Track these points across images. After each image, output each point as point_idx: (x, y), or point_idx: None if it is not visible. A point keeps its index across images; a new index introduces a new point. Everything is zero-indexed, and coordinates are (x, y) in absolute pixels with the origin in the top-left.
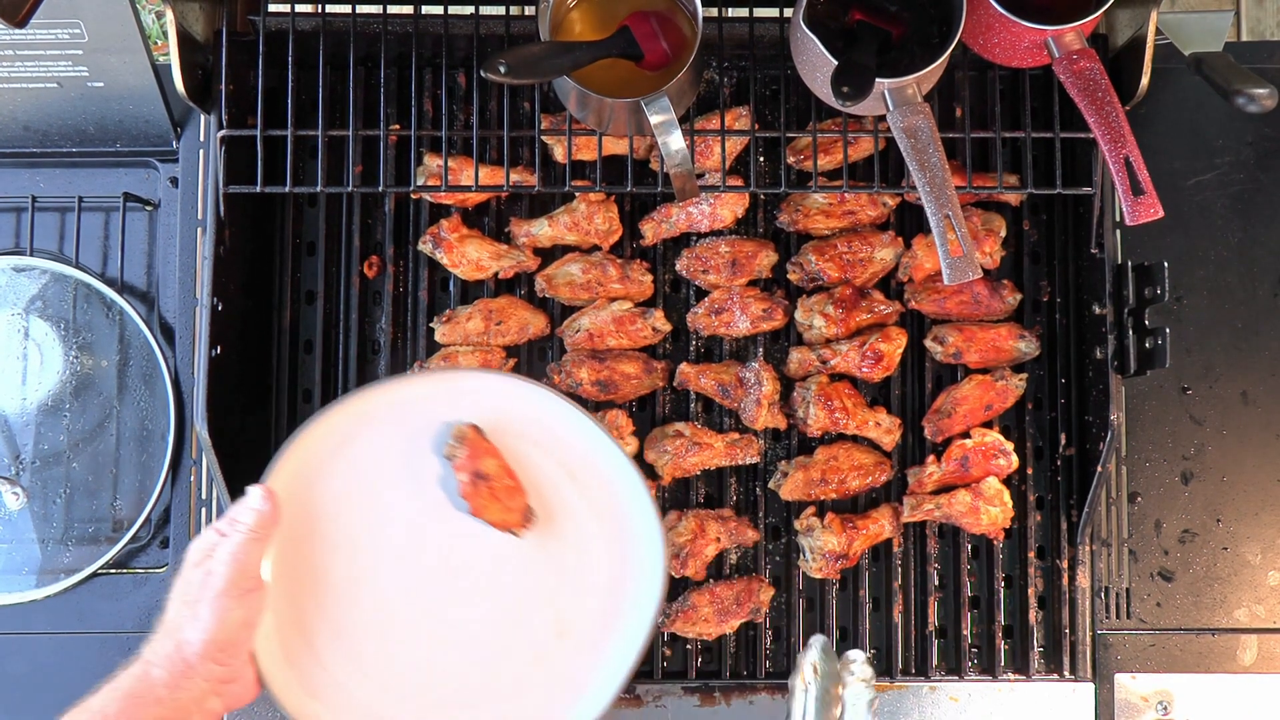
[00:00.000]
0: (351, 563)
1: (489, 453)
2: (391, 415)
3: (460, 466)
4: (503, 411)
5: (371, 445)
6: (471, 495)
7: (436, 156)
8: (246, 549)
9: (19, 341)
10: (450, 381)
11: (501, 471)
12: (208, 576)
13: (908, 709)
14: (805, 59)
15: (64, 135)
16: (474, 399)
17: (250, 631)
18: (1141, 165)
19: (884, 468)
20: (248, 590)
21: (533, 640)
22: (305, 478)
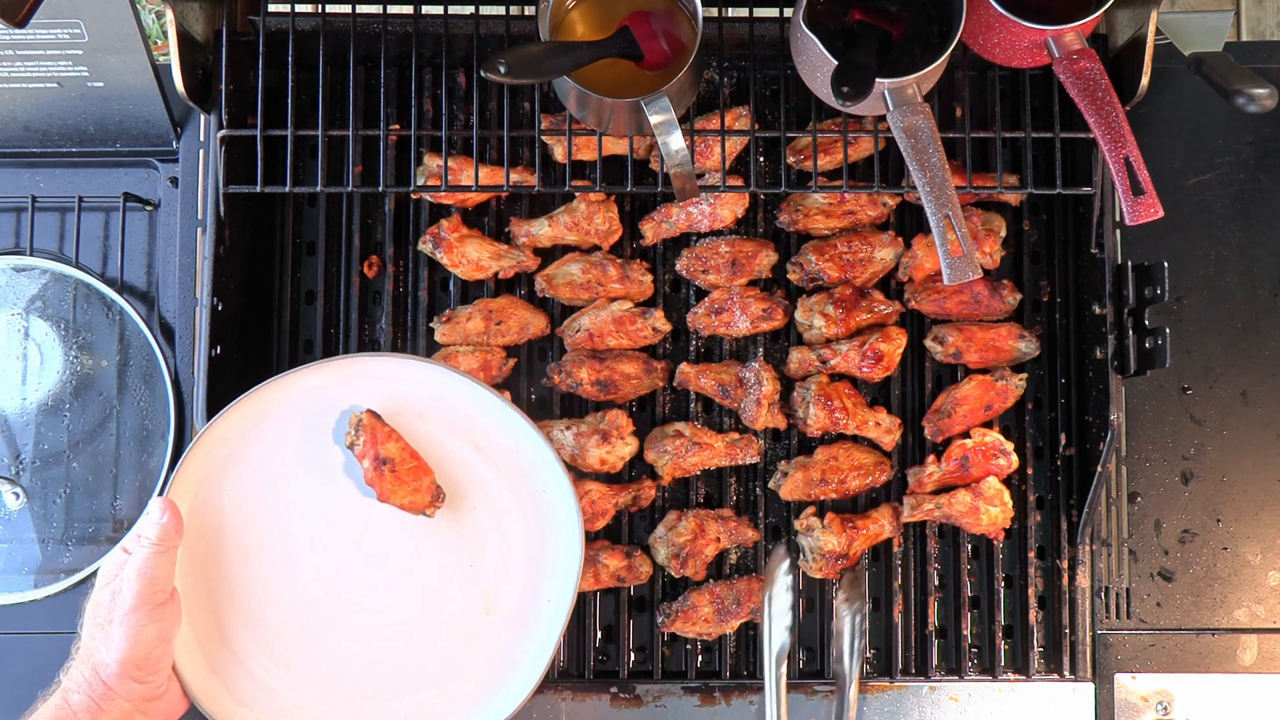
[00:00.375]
0: (265, 564)
1: (389, 437)
2: (287, 410)
3: (361, 454)
4: (400, 394)
5: (270, 442)
6: (376, 481)
7: (436, 156)
8: (152, 563)
9: (19, 341)
10: (341, 369)
11: (404, 454)
12: (116, 595)
13: (908, 709)
14: (805, 59)
15: (64, 135)
16: (369, 384)
17: (167, 646)
18: (1141, 165)
19: (884, 468)
20: (158, 604)
21: (460, 620)
22: (207, 484)
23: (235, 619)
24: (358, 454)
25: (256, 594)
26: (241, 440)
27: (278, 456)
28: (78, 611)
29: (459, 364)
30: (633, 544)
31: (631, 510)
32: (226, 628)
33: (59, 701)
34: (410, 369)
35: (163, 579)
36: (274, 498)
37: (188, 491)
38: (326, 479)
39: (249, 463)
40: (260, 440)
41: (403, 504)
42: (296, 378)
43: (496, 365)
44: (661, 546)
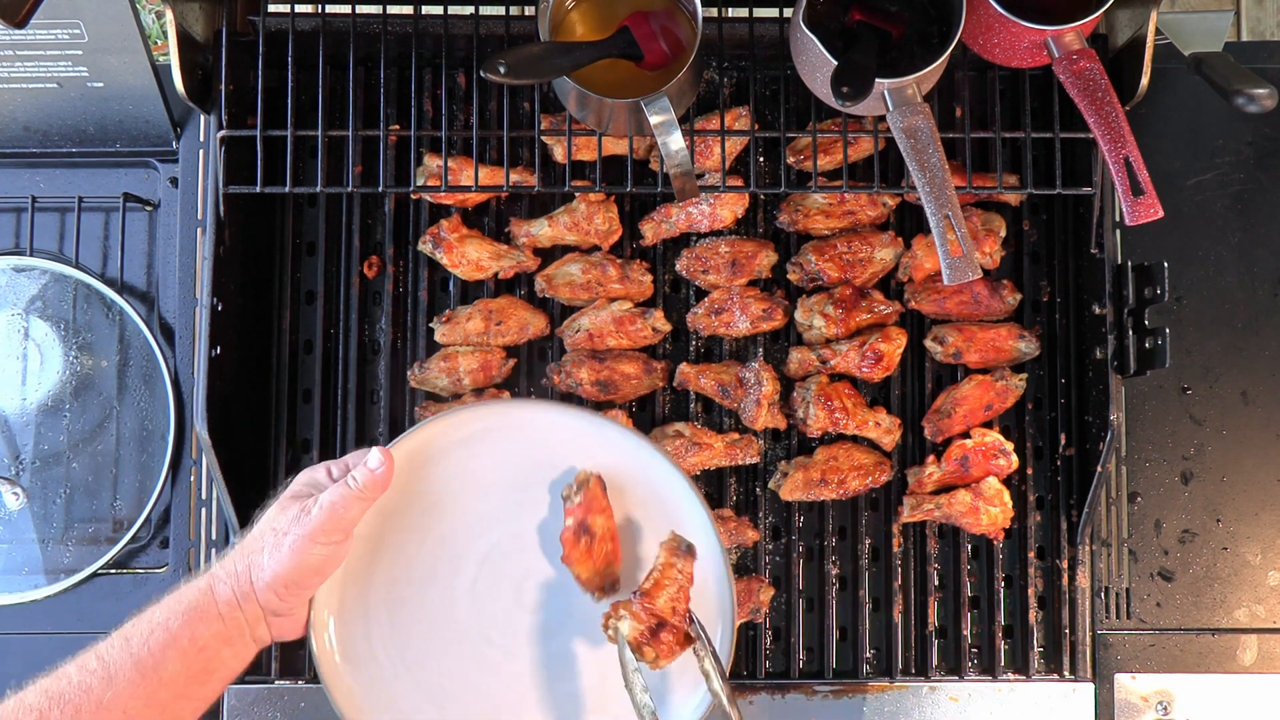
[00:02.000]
0: (433, 555)
1: (603, 510)
2: (528, 435)
3: (571, 511)
4: (631, 475)
5: (497, 454)
6: (570, 543)
7: (436, 157)
8: (348, 503)
9: (19, 341)
10: (598, 427)
11: (607, 533)
12: (303, 514)
13: (908, 709)
14: (805, 59)
15: (64, 135)
16: (609, 451)
17: (320, 579)
18: (1141, 165)
19: (884, 468)
20: (334, 540)
21: (567, 702)
22: (424, 458)
23: (382, 587)
24: (567, 509)
25: (412, 575)
26: (476, 436)
27: (498, 467)
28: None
29: (458, 364)
30: None
31: None
32: (370, 590)
33: (204, 587)
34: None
35: (349, 520)
36: (474, 501)
37: (407, 454)
38: (526, 513)
39: (473, 458)
40: (492, 445)
41: (580, 575)
42: (554, 410)
43: (496, 365)
44: None
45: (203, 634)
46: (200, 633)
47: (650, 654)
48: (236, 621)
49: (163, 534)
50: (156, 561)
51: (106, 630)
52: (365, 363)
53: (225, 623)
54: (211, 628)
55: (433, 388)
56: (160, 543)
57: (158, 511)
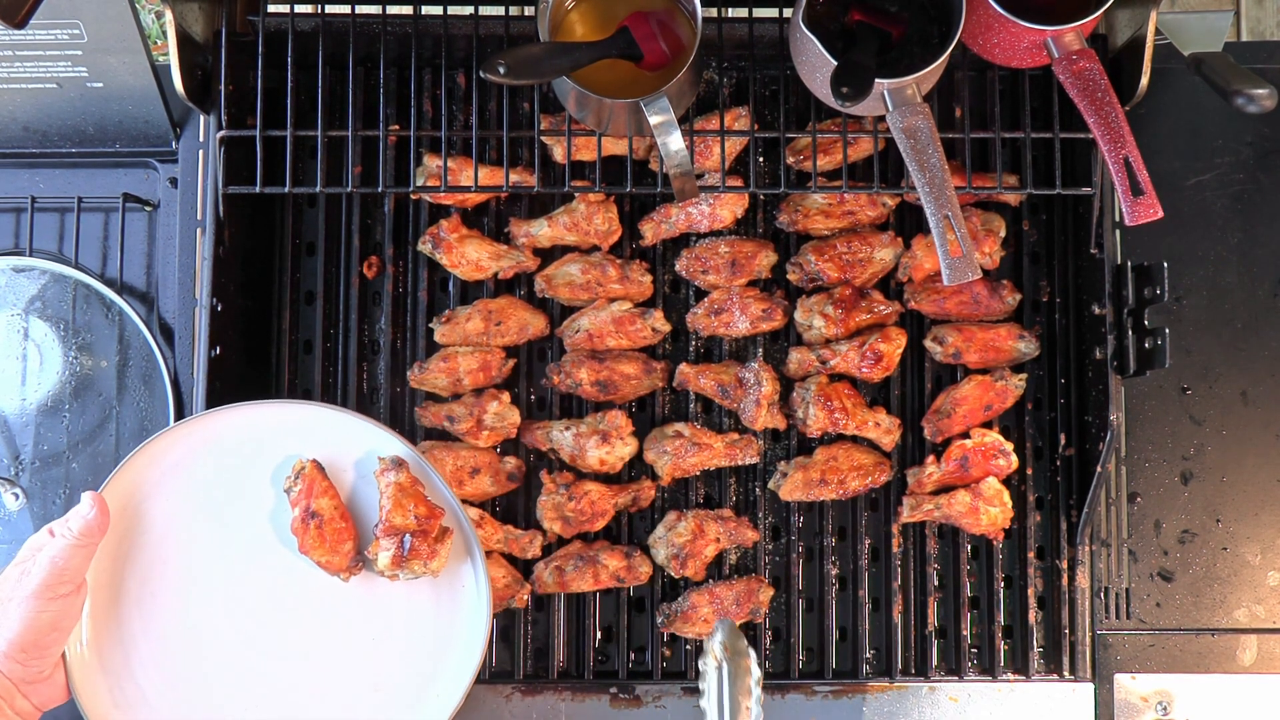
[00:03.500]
0: (178, 580)
1: (325, 492)
2: (234, 441)
3: (294, 501)
4: (346, 449)
5: (213, 466)
6: (300, 532)
7: (436, 157)
8: (68, 554)
9: (18, 342)
10: (297, 412)
11: (335, 513)
12: (23, 576)
13: (907, 709)
14: (805, 59)
15: (63, 136)
16: (322, 433)
17: (60, 635)
18: (1141, 165)
19: (884, 468)
20: (62, 595)
21: (346, 688)
22: (142, 491)
23: (136, 625)
24: (291, 500)
25: (163, 605)
26: (187, 456)
27: (217, 481)
28: None
29: (458, 364)
30: (632, 544)
31: (631, 511)
32: (125, 631)
33: None
34: (360, 427)
35: (74, 571)
36: (203, 518)
37: (122, 492)
38: (256, 516)
39: (188, 480)
40: (204, 461)
41: (320, 561)
42: (253, 410)
43: (496, 365)
44: (661, 547)
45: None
46: None
47: (418, 565)
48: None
49: None
50: None
51: None
52: (365, 363)
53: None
54: None
55: (433, 388)
56: None
57: None
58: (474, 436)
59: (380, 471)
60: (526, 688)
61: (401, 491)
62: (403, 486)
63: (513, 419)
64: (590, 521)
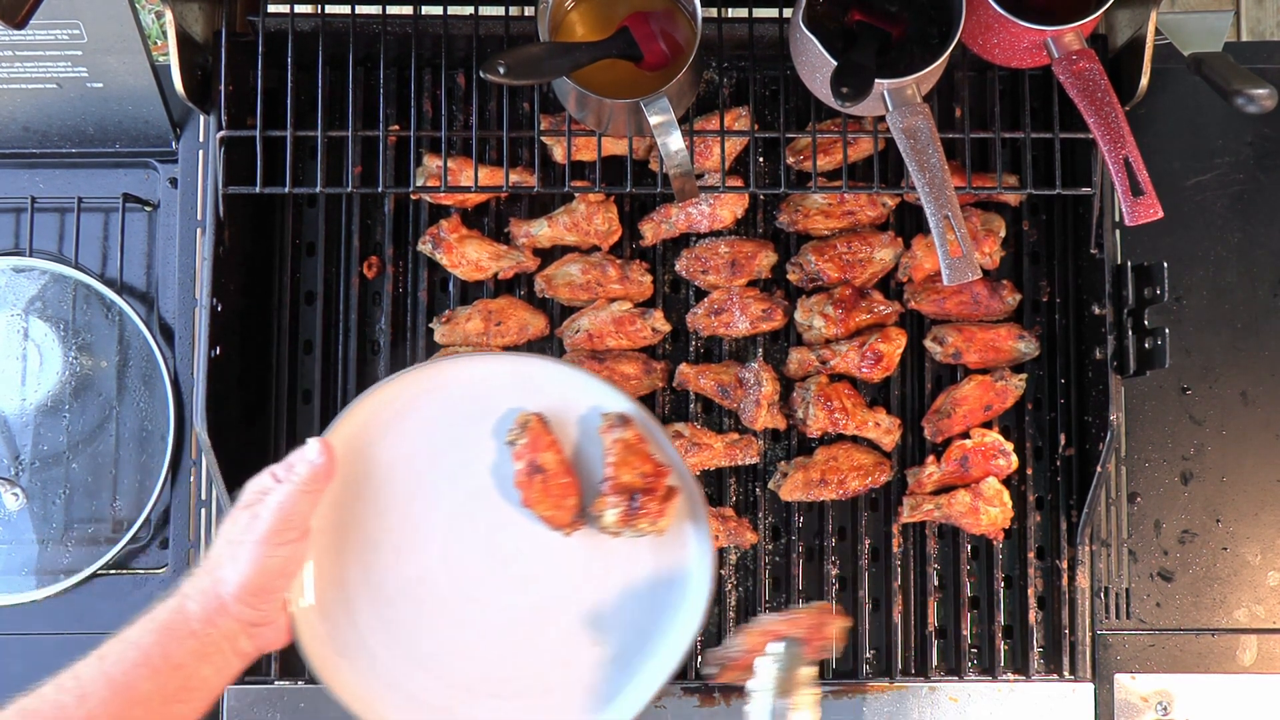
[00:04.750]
0: (398, 530)
1: (550, 446)
2: (459, 391)
3: (518, 454)
4: (570, 404)
5: (434, 417)
6: (525, 485)
7: (436, 157)
8: (295, 499)
9: (18, 342)
10: (523, 365)
11: (559, 467)
12: (253, 520)
13: (907, 709)
14: (805, 59)
15: (63, 136)
16: (544, 387)
17: (286, 580)
18: (1141, 166)
19: (884, 468)
20: (289, 540)
21: (565, 642)
22: (365, 438)
23: (356, 573)
24: (515, 454)
25: (382, 555)
26: (410, 405)
27: (439, 430)
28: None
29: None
30: None
31: None
32: (346, 578)
33: (175, 605)
34: (585, 381)
35: (300, 517)
36: (424, 468)
37: (346, 439)
38: (477, 468)
39: (410, 428)
40: (424, 412)
41: (544, 515)
42: (476, 361)
43: None
44: None
45: (176, 651)
46: (173, 650)
47: (646, 523)
48: (211, 638)
49: (162, 534)
50: (156, 562)
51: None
52: (365, 363)
53: (199, 640)
54: (185, 645)
55: None
56: (160, 543)
57: (157, 512)
58: None
59: (605, 428)
60: None
61: (628, 449)
62: (629, 444)
63: None
64: None
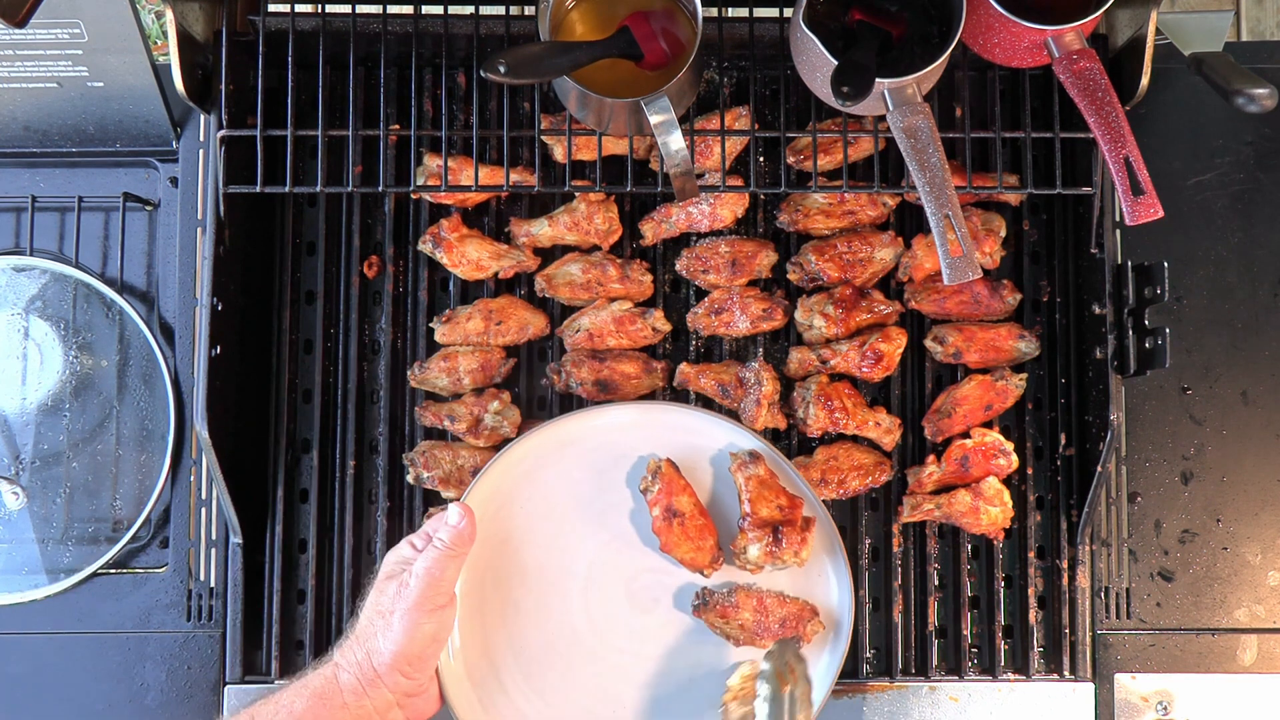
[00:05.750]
0: (539, 586)
1: (683, 490)
2: (588, 444)
3: (654, 501)
4: (699, 447)
5: (567, 469)
6: (663, 531)
7: (436, 156)
8: (442, 565)
9: (19, 341)
10: (649, 414)
11: (695, 509)
12: (402, 589)
13: (908, 709)
14: (805, 59)
15: (64, 135)
16: (670, 435)
17: (438, 647)
18: (1141, 165)
19: (884, 468)
20: (440, 606)
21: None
22: (502, 497)
23: (500, 633)
24: (650, 500)
25: (525, 614)
26: (541, 461)
27: (571, 485)
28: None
29: (458, 364)
30: None
31: None
32: (491, 640)
33: (329, 675)
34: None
35: (448, 582)
36: (559, 524)
37: (483, 501)
38: (612, 518)
39: (544, 485)
40: (558, 465)
41: (683, 558)
42: (602, 413)
43: (496, 365)
44: None
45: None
46: (324, 718)
47: (789, 555)
48: (364, 710)
49: (163, 534)
50: (156, 561)
51: (106, 630)
52: (365, 363)
53: (352, 712)
54: (337, 715)
55: (433, 387)
56: (160, 542)
57: (157, 511)
58: (474, 436)
59: (737, 467)
60: None
61: (762, 484)
62: (762, 479)
63: (513, 419)
64: None
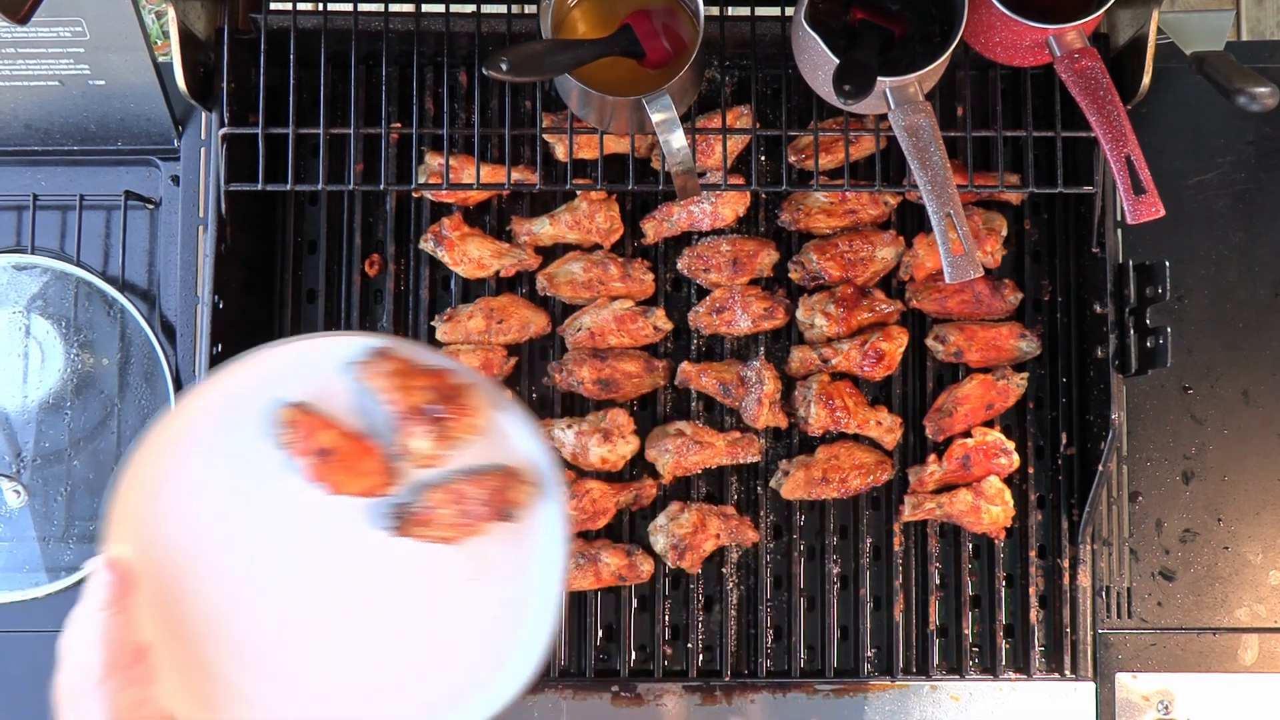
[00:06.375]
0: (233, 586)
1: (323, 425)
2: (208, 425)
3: (300, 451)
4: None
5: (202, 463)
6: (322, 474)
7: (438, 155)
8: (109, 627)
9: (20, 340)
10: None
11: (343, 440)
12: (83, 668)
13: (909, 709)
14: (807, 58)
15: (65, 133)
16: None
17: (149, 706)
18: (1143, 164)
19: (885, 467)
20: (129, 665)
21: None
22: (143, 525)
23: (217, 650)
24: (296, 453)
25: (232, 619)
26: (163, 472)
27: (213, 476)
28: None
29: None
30: (634, 543)
31: (633, 509)
32: (211, 661)
33: None
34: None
35: (127, 638)
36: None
37: (125, 540)
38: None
39: (184, 489)
40: (189, 464)
41: (357, 491)
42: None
43: (498, 364)
44: (661, 536)
45: None
46: None
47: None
48: None
49: None
50: None
51: None
52: None
53: None
54: None
55: None
56: None
57: None
58: None
59: (364, 375)
60: None
61: (398, 375)
62: (397, 371)
63: None
64: (592, 520)
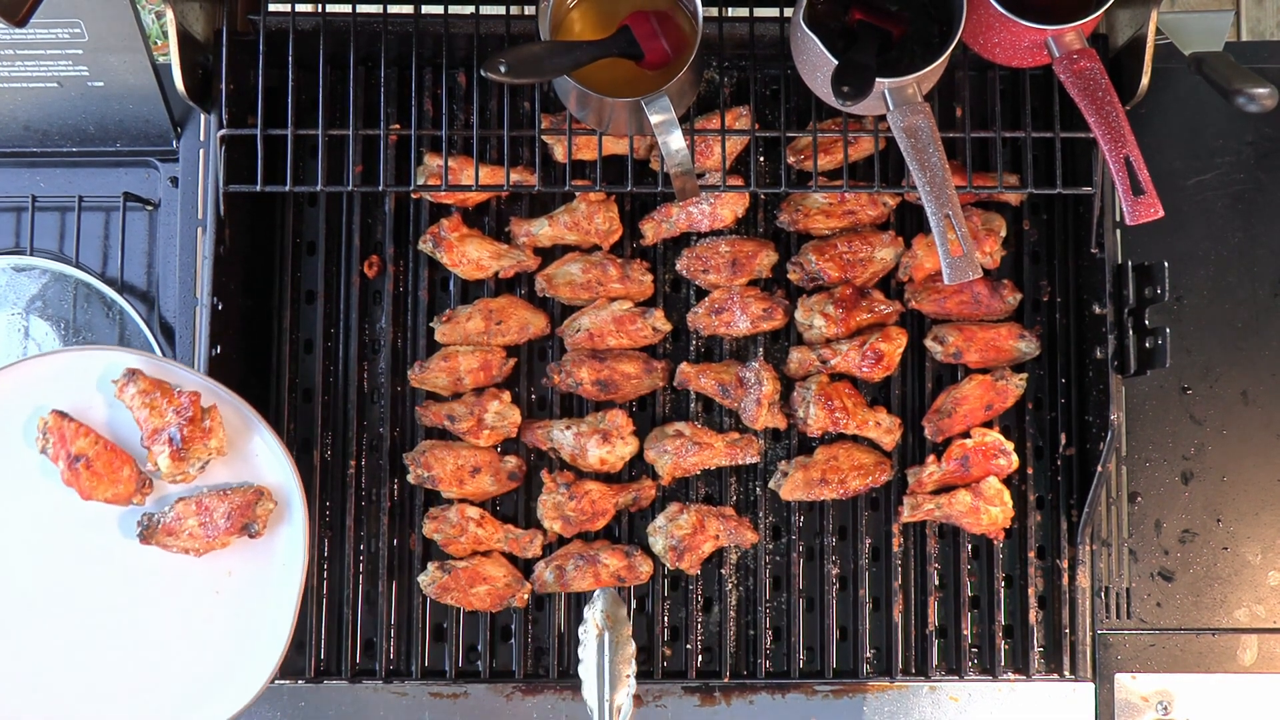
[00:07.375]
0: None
1: (79, 434)
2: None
3: (54, 456)
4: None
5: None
6: (74, 480)
7: (437, 156)
8: None
9: (19, 341)
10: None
11: (98, 447)
12: None
13: (908, 709)
14: (805, 59)
15: (64, 135)
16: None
17: None
18: (1142, 165)
19: (884, 467)
20: None
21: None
22: None
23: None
24: (51, 458)
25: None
26: None
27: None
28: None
29: (459, 363)
30: (633, 544)
31: (631, 510)
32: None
33: None
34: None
35: None
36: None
37: None
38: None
39: None
40: None
41: (108, 498)
42: None
43: (496, 365)
44: (660, 537)
45: None
46: None
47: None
48: None
49: None
50: None
51: None
52: (365, 362)
53: None
54: None
55: (433, 387)
56: None
57: None
58: (474, 436)
59: (120, 391)
60: (526, 687)
61: (146, 395)
62: (146, 390)
63: (513, 418)
64: (591, 521)
